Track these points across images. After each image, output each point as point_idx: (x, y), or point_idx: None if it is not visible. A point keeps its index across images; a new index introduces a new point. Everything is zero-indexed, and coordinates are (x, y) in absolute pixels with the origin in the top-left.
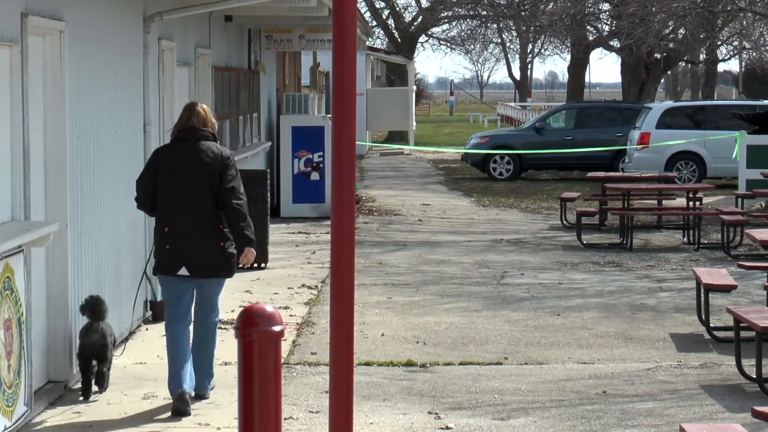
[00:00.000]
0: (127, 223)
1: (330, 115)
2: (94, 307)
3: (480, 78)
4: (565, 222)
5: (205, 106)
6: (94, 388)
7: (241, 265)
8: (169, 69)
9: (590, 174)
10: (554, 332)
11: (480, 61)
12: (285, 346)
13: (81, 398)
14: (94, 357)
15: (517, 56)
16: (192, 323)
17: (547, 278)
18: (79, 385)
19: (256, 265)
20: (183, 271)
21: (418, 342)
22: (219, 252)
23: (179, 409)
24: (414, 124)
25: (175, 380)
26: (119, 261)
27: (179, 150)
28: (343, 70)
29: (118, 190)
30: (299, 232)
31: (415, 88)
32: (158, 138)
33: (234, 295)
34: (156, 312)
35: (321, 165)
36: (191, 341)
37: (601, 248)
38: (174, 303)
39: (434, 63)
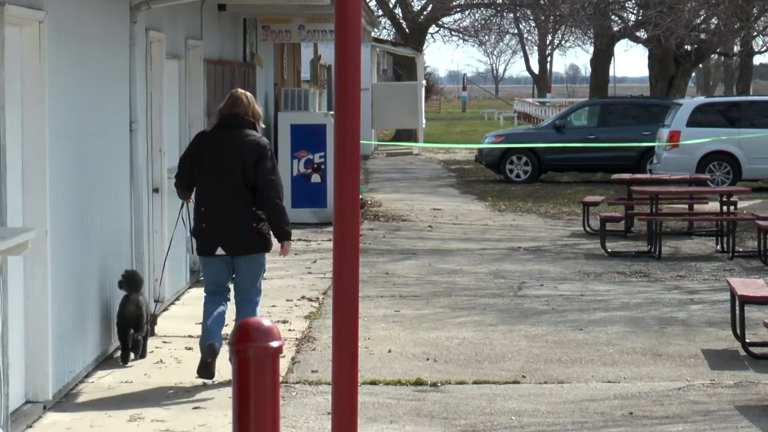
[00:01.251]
0: (113, 229)
1: (332, 113)
2: (129, 281)
3: (495, 72)
4: (587, 228)
5: (249, 94)
6: (132, 356)
7: (281, 255)
8: (157, 62)
9: (615, 176)
10: (576, 348)
11: (495, 53)
12: (283, 364)
13: (121, 363)
14: (131, 326)
15: (536, 48)
16: (234, 301)
17: (569, 289)
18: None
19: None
20: (220, 251)
21: (428, 359)
22: (252, 232)
23: (205, 361)
24: (423, 121)
25: (205, 336)
26: (105, 269)
27: (219, 135)
28: (346, 64)
29: (103, 193)
30: (299, 240)
31: (424, 82)
32: (146, 137)
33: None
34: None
35: (322, 166)
36: (235, 320)
37: (627, 257)
38: (212, 281)
39: (445, 56)
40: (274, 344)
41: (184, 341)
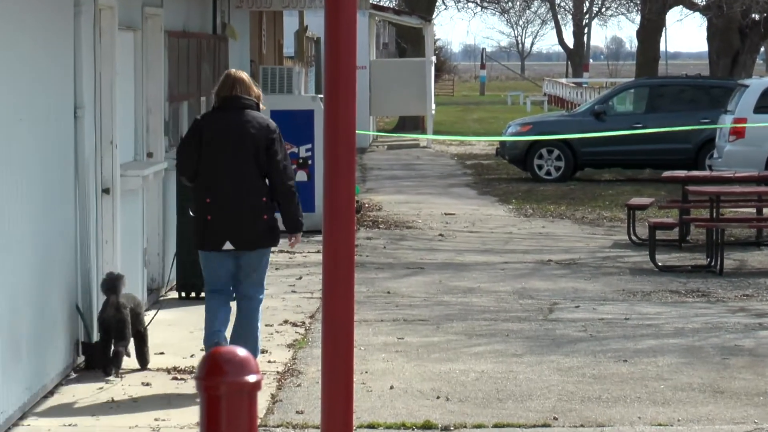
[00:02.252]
0: (52, 236)
1: (321, 96)
2: (106, 282)
3: (521, 46)
4: (633, 237)
5: (247, 74)
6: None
7: (290, 247)
8: (108, 34)
9: (667, 173)
10: (619, 384)
11: (521, 23)
12: (262, 402)
13: (104, 375)
14: (111, 334)
15: (570, 17)
16: (236, 300)
17: (610, 312)
18: None
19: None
20: (228, 246)
21: (438, 397)
22: (263, 224)
23: None
24: (433, 107)
25: (210, 336)
26: (42, 287)
27: (223, 118)
28: (338, 36)
29: (40, 195)
30: (280, 251)
31: (434, 59)
32: (93, 125)
33: (194, 334)
34: (91, 356)
35: (309, 161)
36: (235, 320)
37: (682, 272)
38: (215, 279)
39: (460, 26)
40: (251, 379)
41: (140, 376)
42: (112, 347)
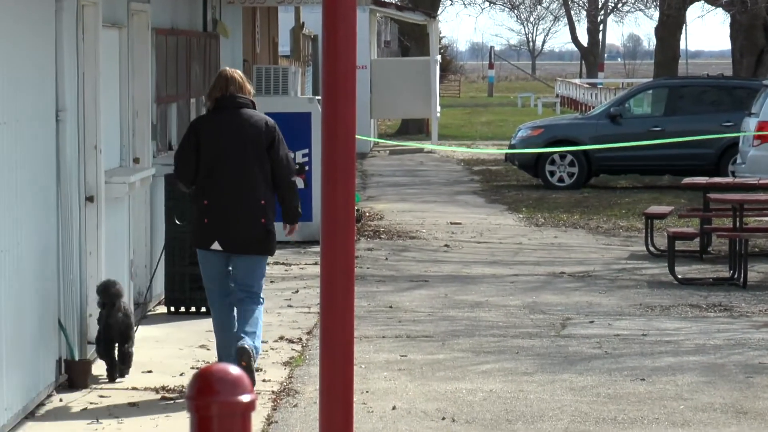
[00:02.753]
0: (32, 248)
1: (319, 98)
2: (104, 290)
3: (532, 44)
4: (651, 248)
5: (239, 72)
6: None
7: (287, 236)
8: (91, 32)
9: (687, 180)
10: (637, 404)
11: (531, 20)
12: (256, 424)
13: (108, 380)
14: (117, 339)
15: (584, 13)
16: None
17: (627, 328)
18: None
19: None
20: (216, 246)
21: (444, 418)
22: (260, 228)
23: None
24: (438, 109)
25: (227, 343)
26: (21, 301)
27: (220, 119)
28: (337, 33)
29: (19, 202)
30: (276, 263)
31: (439, 58)
32: (76, 129)
33: (184, 351)
34: (74, 375)
35: (306, 168)
36: (237, 315)
37: (703, 285)
38: (212, 280)
39: (466, 23)
40: (245, 398)
41: (126, 395)
42: (117, 350)
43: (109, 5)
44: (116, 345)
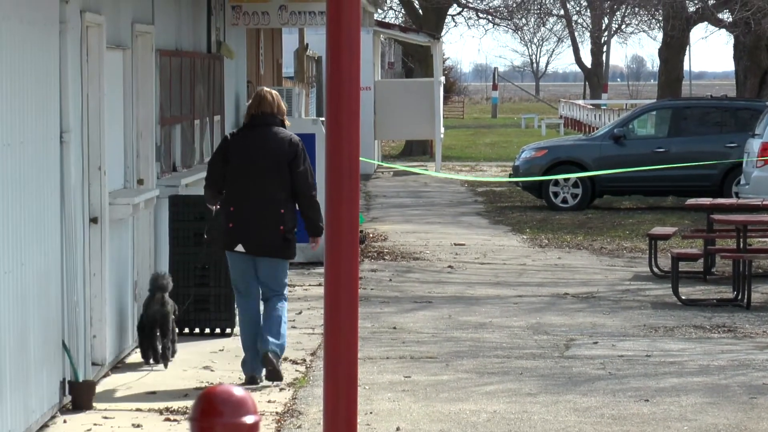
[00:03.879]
0: (36, 269)
1: (323, 119)
2: (153, 280)
3: (535, 66)
4: (655, 269)
5: (274, 92)
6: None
7: (312, 250)
8: (95, 53)
9: (691, 201)
10: (640, 425)
11: (535, 41)
12: None
13: (145, 367)
14: (156, 328)
15: (588, 34)
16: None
17: (631, 349)
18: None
19: (219, 330)
20: (239, 248)
21: None
22: (278, 234)
23: (267, 370)
24: (442, 130)
25: (247, 365)
26: (25, 322)
27: (249, 135)
28: (340, 55)
29: (22, 223)
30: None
31: (443, 79)
32: (80, 150)
33: (188, 372)
34: (78, 397)
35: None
36: (263, 316)
37: (707, 306)
38: (237, 279)
39: (470, 44)
40: (249, 420)
41: (130, 417)
42: (159, 343)
43: (113, 27)
44: (156, 334)
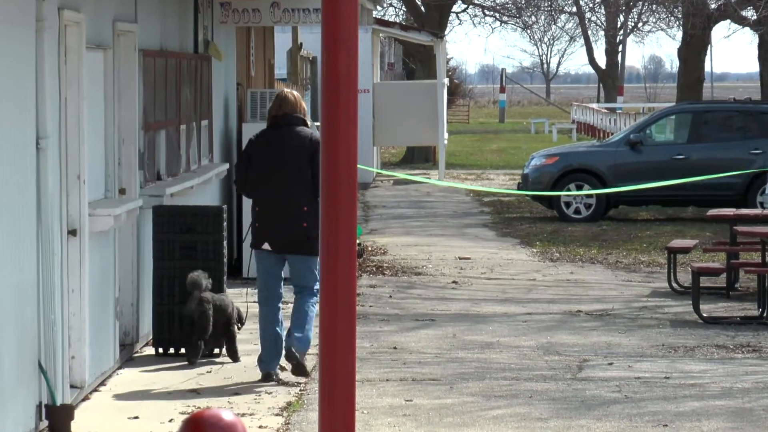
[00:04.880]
0: (10, 285)
1: (318, 123)
2: (191, 280)
3: (546, 67)
4: (675, 285)
5: (295, 92)
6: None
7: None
8: (74, 54)
9: (712, 212)
10: None
11: (546, 40)
12: None
13: (187, 363)
14: (195, 327)
15: (602, 33)
16: (290, 297)
17: (648, 370)
18: None
19: (207, 351)
20: (266, 246)
21: None
22: (301, 231)
23: (293, 366)
24: (445, 136)
25: (263, 361)
26: None
27: (271, 135)
28: (337, 55)
29: None
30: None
31: (447, 81)
32: (58, 157)
33: (173, 394)
34: (55, 421)
35: None
36: (292, 309)
37: (730, 324)
38: (261, 277)
39: (476, 44)
40: None
41: None
42: (203, 342)
43: (94, 25)
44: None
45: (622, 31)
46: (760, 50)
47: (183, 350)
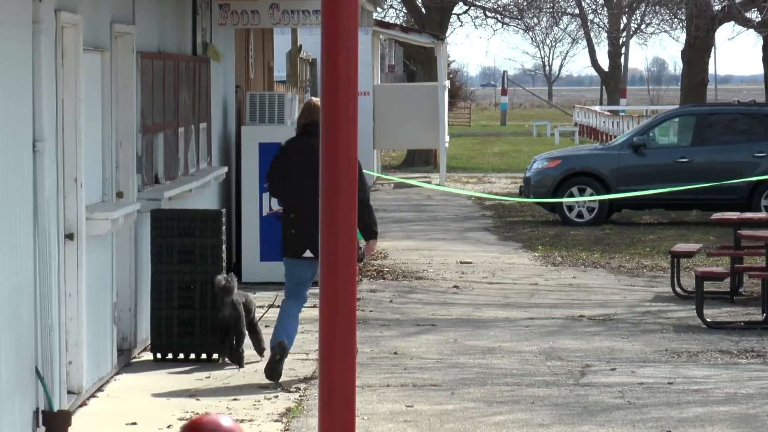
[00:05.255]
0: (7, 290)
1: None
2: (221, 285)
3: (548, 69)
4: (678, 289)
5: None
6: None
7: (365, 256)
8: (71, 55)
9: (716, 216)
10: None
11: (548, 42)
12: None
13: (219, 362)
14: (230, 331)
15: (605, 35)
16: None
17: (652, 375)
18: None
19: (205, 356)
20: (308, 254)
21: None
22: None
23: (273, 359)
24: (446, 139)
25: (277, 333)
26: None
27: (303, 141)
28: (337, 57)
29: None
30: (270, 306)
31: (448, 83)
32: (55, 161)
33: (171, 401)
34: (53, 427)
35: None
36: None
37: (734, 329)
38: (294, 282)
39: (477, 46)
40: None
41: None
42: (235, 346)
43: (91, 27)
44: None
45: (625, 33)
46: (765, 52)
47: (215, 356)
